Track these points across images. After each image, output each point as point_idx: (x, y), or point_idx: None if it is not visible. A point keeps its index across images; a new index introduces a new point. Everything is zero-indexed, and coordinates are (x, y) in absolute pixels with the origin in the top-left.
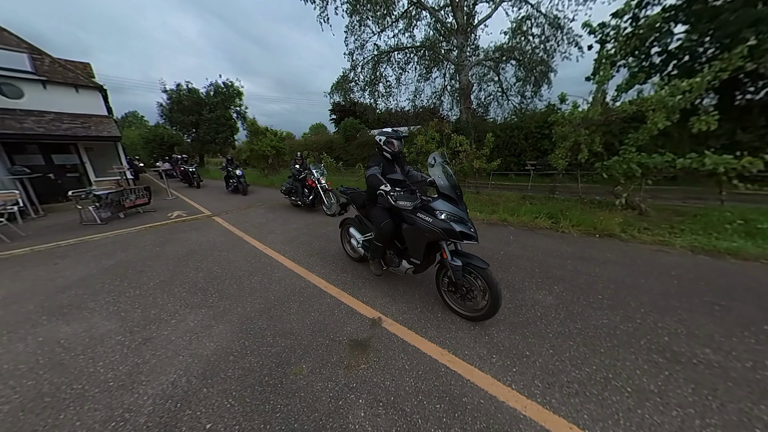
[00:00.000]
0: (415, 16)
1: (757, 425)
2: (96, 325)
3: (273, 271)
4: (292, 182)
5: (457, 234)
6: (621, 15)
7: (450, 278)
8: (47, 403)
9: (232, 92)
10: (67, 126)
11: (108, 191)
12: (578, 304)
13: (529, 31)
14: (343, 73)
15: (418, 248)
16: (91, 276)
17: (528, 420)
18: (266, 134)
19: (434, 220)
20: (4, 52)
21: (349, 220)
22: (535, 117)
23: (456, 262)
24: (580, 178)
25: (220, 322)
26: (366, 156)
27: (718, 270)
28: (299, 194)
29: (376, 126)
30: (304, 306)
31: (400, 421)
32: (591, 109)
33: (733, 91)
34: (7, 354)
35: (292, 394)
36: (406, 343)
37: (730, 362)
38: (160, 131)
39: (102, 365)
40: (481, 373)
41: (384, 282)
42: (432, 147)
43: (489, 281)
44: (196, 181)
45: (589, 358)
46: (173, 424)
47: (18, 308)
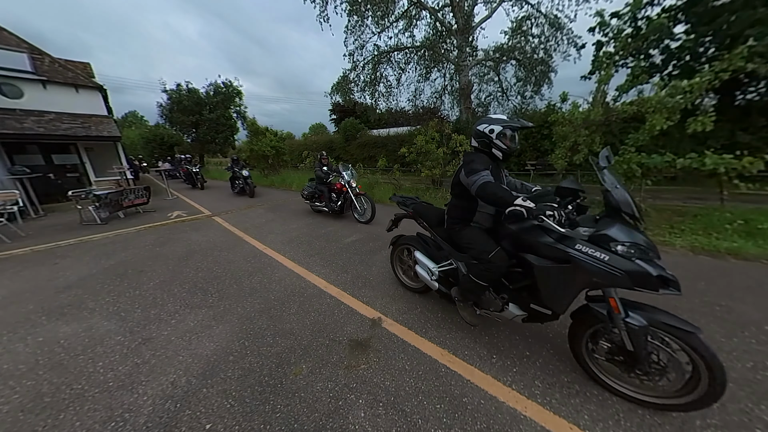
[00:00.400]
0: (415, 16)
1: (758, 425)
2: (96, 325)
3: (273, 271)
4: (316, 186)
5: (654, 280)
6: (622, 16)
7: (614, 342)
8: (47, 403)
9: (232, 92)
10: (67, 126)
11: (108, 191)
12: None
13: (529, 31)
14: (344, 73)
15: (566, 295)
16: (91, 276)
17: (528, 420)
18: (266, 134)
19: (611, 257)
20: (4, 52)
21: (407, 239)
22: (536, 117)
23: (636, 321)
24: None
25: (220, 322)
26: (366, 156)
27: (718, 270)
28: (326, 199)
29: (377, 126)
30: (304, 306)
31: (400, 421)
32: (591, 109)
33: (733, 91)
34: (7, 354)
35: (292, 394)
36: (406, 343)
37: (730, 362)
38: (160, 131)
39: (102, 365)
40: (482, 374)
41: (384, 282)
42: (432, 147)
43: (702, 352)
44: (199, 183)
45: None
46: (173, 424)
47: (18, 308)
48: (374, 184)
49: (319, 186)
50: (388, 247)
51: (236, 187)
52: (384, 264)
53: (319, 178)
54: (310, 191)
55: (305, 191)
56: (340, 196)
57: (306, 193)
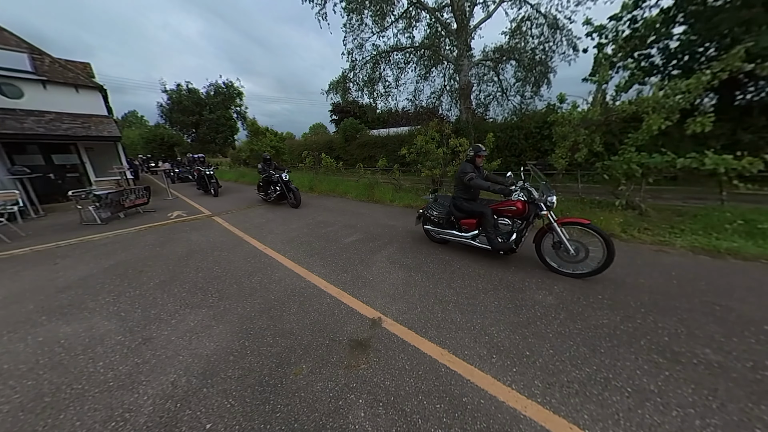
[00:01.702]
0: (415, 16)
1: (757, 425)
2: (96, 325)
3: (273, 271)
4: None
5: None
6: (619, 18)
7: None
8: (47, 403)
9: (233, 92)
10: (67, 126)
11: (108, 191)
12: (578, 304)
13: (528, 32)
14: (342, 72)
15: None
16: (91, 276)
17: (528, 420)
18: (266, 134)
19: None
20: (4, 52)
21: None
22: (535, 117)
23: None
24: (580, 178)
25: (220, 322)
26: (366, 156)
27: (718, 270)
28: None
29: (376, 126)
30: (304, 306)
31: (400, 421)
32: (591, 109)
33: (733, 91)
34: (7, 354)
35: (292, 394)
36: (406, 343)
37: (730, 362)
38: (161, 131)
39: (102, 365)
40: (481, 373)
41: (384, 282)
42: (432, 147)
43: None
44: (213, 188)
45: (589, 358)
46: (173, 424)
47: (18, 308)
48: (374, 185)
49: None
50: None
51: (271, 195)
52: (384, 264)
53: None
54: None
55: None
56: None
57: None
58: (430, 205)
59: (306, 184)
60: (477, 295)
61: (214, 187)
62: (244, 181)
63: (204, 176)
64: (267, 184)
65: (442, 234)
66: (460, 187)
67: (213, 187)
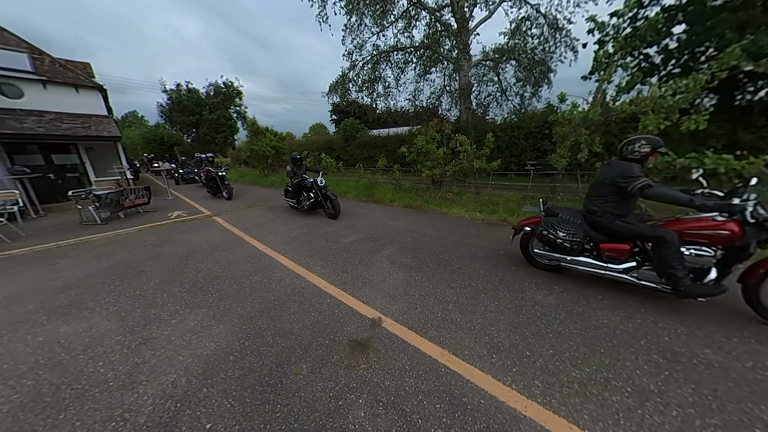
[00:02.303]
0: (414, 16)
1: (757, 425)
2: (96, 325)
3: (273, 271)
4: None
5: None
6: (620, 15)
7: None
8: (47, 403)
9: (232, 92)
10: (67, 126)
11: (108, 191)
12: (578, 304)
13: (528, 32)
14: (342, 72)
15: None
16: (91, 276)
17: (528, 420)
18: (266, 134)
19: None
20: (5, 52)
21: None
22: (535, 117)
23: None
24: (580, 178)
25: (220, 322)
26: (366, 156)
27: None
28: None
29: (376, 126)
30: (304, 306)
31: (400, 421)
32: (591, 109)
33: (733, 91)
34: (7, 354)
35: (292, 394)
36: (406, 343)
37: (730, 362)
38: (161, 131)
39: (102, 365)
40: (481, 373)
41: (384, 282)
42: (432, 147)
43: None
44: (227, 191)
45: (589, 358)
46: (173, 424)
47: (18, 308)
48: (374, 185)
49: None
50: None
51: (304, 203)
52: (384, 264)
53: None
54: None
55: None
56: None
57: None
58: (551, 222)
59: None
60: (477, 295)
61: (228, 190)
62: (245, 181)
63: (215, 177)
64: (298, 189)
65: (565, 262)
66: (610, 198)
67: (226, 189)
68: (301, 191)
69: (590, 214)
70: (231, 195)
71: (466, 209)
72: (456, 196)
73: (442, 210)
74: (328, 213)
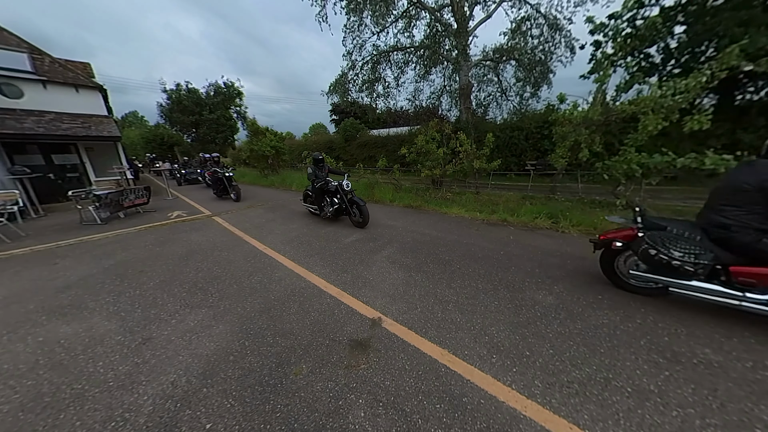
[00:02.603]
0: (415, 16)
1: (757, 425)
2: (96, 325)
3: (273, 271)
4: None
5: None
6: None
7: None
8: (47, 403)
9: (233, 92)
10: (67, 126)
11: (108, 191)
12: (578, 304)
13: (528, 32)
14: (342, 72)
15: None
16: (91, 276)
17: (528, 420)
18: (266, 134)
19: None
20: (5, 52)
21: None
22: (535, 117)
23: None
24: (580, 178)
25: (220, 322)
26: (366, 156)
27: None
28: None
29: (376, 126)
30: (304, 306)
31: (400, 421)
32: (591, 109)
33: (732, 91)
34: (7, 354)
35: (292, 394)
36: (406, 343)
37: (730, 362)
38: (161, 131)
39: (102, 365)
40: (481, 373)
41: (384, 282)
42: (432, 147)
43: None
44: (234, 192)
45: (589, 358)
46: (173, 424)
47: (18, 308)
48: (374, 185)
49: None
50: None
51: (326, 210)
52: (384, 264)
53: None
54: None
55: None
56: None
57: None
58: (660, 239)
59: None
60: (477, 295)
61: (236, 191)
62: (245, 181)
63: (222, 178)
64: (321, 194)
65: (678, 287)
66: (755, 209)
67: (234, 190)
68: (324, 196)
69: (719, 229)
70: (239, 196)
71: (466, 209)
72: (456, 196)
73: (442, 210)
74: (354, 221)
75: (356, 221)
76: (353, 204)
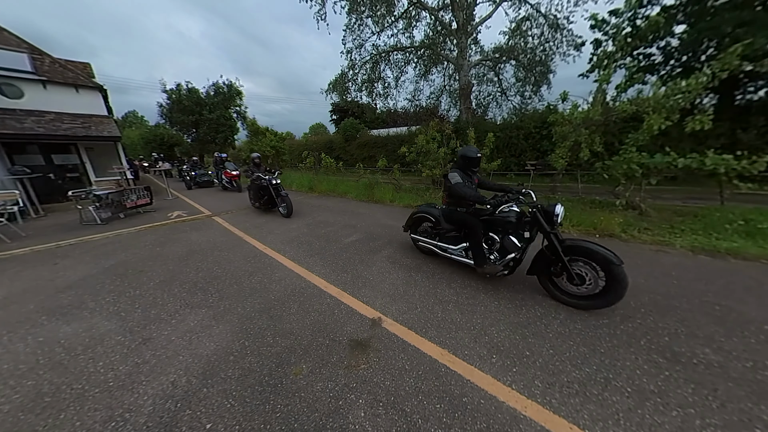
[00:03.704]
0: (415, 16)
1: (757, 425)
2: (96, 325)
3: (273, 271)
4: None
5: None
6: (620, 14)
7: None
8: (47, 403)
9: (232, 92)
10: (68, 126)
11: (108, 191)
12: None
13: (528, 32)
14: (342, 71)
15: None
16: (91, 276)
17: (528, 420)
18: (266, 134)
19: None
20: (5, 52)
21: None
22: (535, 117)
23: None
24: (580, 178)
25: (220, 322)
26: (366, 156)
27: (718, 270)
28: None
29: (376, 126)
30: (304, 306)
31: (400, 421)
32: (591, 109)
33: (733, 91)
34: (7, 354)
35: (292, 394)
36: (406, 343)
37: (730, 362)
38: (161, 131)
39: (102, 365)
40: (481, 373)
41: (384, 282)
42: (433, 147)
43: None
44: (284, 204)
45: (589, 358)
46: (173, 424)
47: (18, 308)
48: (374, 185)
49: None
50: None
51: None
52: (384, 264)
53: None
54: None
55: None
56: None
57: None
58: None
59: (306, 184)
60: (477, 295)
61: (287, 204)
62: (244, 181)
63: (268, 187)
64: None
65: None
66: None
67: (285, 203)
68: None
69: None
70: (290, 210)
71: None
72: None
73: None
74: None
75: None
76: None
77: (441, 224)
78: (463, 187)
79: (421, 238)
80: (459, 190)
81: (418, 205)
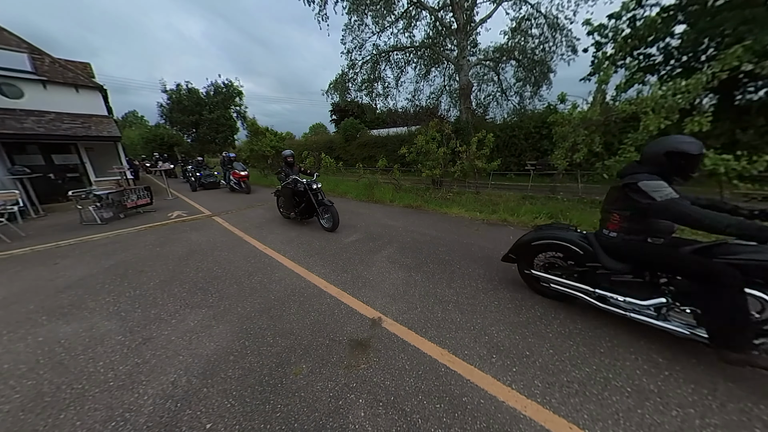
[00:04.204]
0: (415, 16)
1: (757, 425)
2: (96, 324)
3: (273, 271)
4: None
5: None
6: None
7: None
8: (47, 402)
9: (232, 92)
10: (68, 126)
11: (108, 191)
12: (578, 304)
13: (528, 32)
14: (342, 71)
15: None
16: (92, 276)
17: (528, 420)
18: (266, 134)
19: None
20: (5, 52)
21: None
22: (535, 117)
23: None
24: (580, 178)
25: (220, 322)
26: (366, 156)
27: None
28: None
29: (376, 126)
30: (304, 306)
31: (400, 421)
32: (591, 109)
33: (732, 91)
34: (7, 354)
35: (292, 394)
36: (406, 343)
37: None
38: (161, 131)
39: (102, 365)
40: (481, 373)
41: (384, 282)
42: (433, 147)
43: None
44: (328, 215)
45: (589, 358)
46: (173, 424)
47: (18, 308)
48: (374, 185)
49: None
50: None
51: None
52: (384, 264)
53: None
54: None
55: None
56: None
57: None
58: None
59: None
60: (477, 295)
61: (332, 215)
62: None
63: (306, 191)
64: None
65: None
66: None
67: (328, 212)
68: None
69: None
70: (336, 222)
71: (466, 209)
72: (456, 196)
73: (442, 210)
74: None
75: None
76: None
77: (600, 261)
78: (689, 206)
79: (552, 277)
80: (683, 212)
81: (538, 226)
